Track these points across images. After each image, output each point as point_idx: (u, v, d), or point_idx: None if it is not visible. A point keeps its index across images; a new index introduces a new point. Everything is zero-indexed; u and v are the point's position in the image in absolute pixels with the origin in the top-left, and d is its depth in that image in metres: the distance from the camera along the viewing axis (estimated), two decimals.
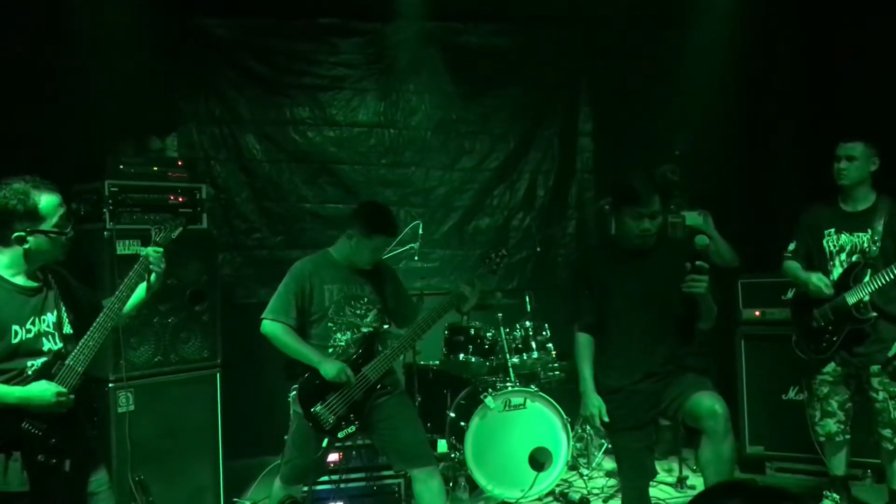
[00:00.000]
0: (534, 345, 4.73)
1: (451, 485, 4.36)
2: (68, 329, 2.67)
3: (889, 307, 3.69)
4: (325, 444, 3.41)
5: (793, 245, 3.98)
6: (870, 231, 3.72)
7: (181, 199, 4.12)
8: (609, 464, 4.79)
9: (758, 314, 4.72)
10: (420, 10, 5.36)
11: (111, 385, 3.78)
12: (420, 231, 4.77)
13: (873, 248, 3.70)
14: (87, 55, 4.31)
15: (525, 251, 5.91)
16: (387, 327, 3.70)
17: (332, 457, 4.01)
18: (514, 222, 5.97)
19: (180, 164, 4.25)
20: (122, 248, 3.79)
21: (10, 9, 4.07)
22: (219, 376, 4.18)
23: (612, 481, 4.59)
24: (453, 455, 4.44)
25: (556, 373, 4.89)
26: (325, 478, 4.01)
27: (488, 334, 4.72)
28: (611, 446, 4.18)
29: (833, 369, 3.83)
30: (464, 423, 4.32)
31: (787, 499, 1.25)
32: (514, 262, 5.86)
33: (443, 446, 4.55)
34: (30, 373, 2.53)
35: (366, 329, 3.52)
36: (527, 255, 5.93)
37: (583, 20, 5.68)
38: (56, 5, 4.26)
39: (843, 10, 4.81)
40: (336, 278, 3.51)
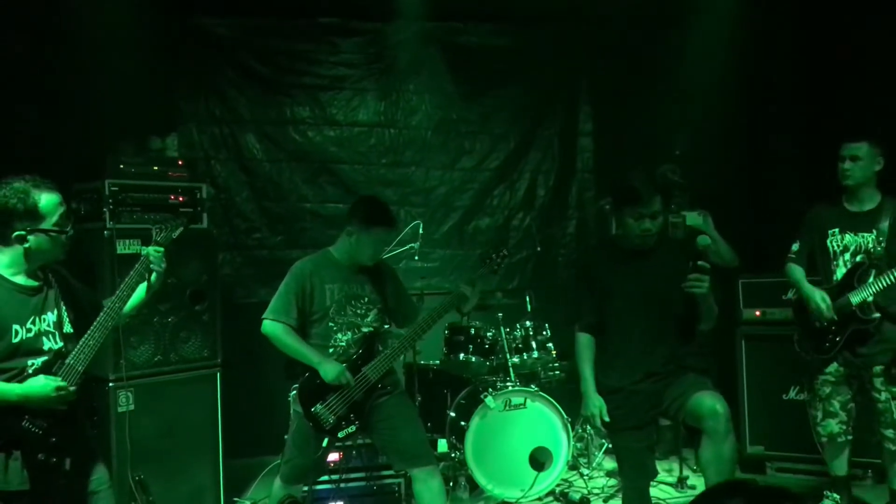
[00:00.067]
0: (534, 344, 4.73)
1: (452, 484, 4.36)
2: (69, 328, 2.68)
3: (893, 307, 3.68)
4: (325, 443, 3.41)
5: (796, 246, 3.96)
6: (875, 231, 3.71)
7: (181, 198, 4.12)
8: (609, 463, 4.80)
9: (758, 314, 4.72)
10: (420, 9, 5.36)
11: (111, 384, 3.78)
12: (420, 231, 4.76)
13: (878, 249, 3.69)
14: (87, 55, 4.31)
15: (525, 251, 5.90)
16: (387, 327, 3.69)
17: (333, 456, 4.00)
18: (515, 222, 5.96)
19: (180, 163, 4.25)
20: (122, 248, 3.80)
21: (10, 8, 4.07)
22: (219, 376, 4.18)
23: (612, 481, 4.60)
24: (453, 455, 4.44)
25: (557, 372, 4.89)
26: (326, 477, 4.01)
27: (489, 334, 4.72)
28: (611, 446, 4.18)
29: (835, 369, 3.82)
30: (464, 423, 4.32)
31: (787, 499, 1.25)
32: (514, 262, 5.86)
33: (443, 446, 4.55)
34: (30, 371, 2.54)
35: (366, 329, 3.51)
36: (527, 254, 5.92)
37: (583, 20, 5.68)
38: (56, 5, 4.26)
39: (843, 10, 4.80)
40: (337, 278, 3.51)
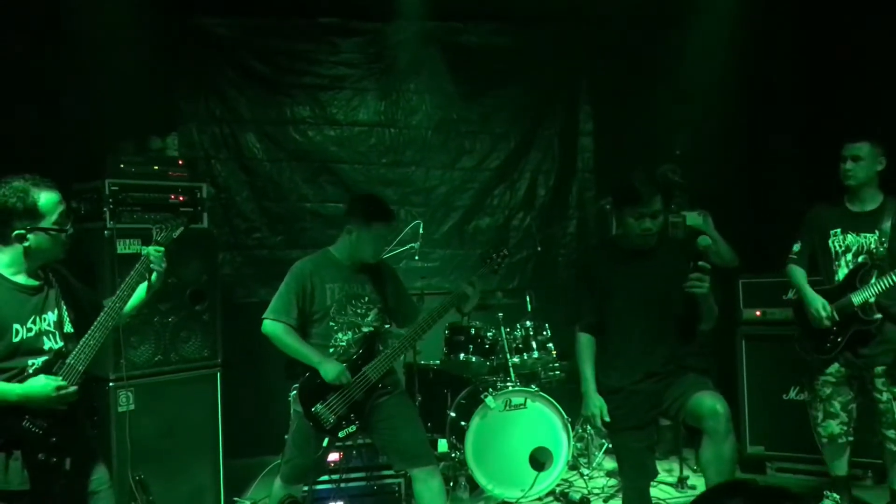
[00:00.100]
0: (534, 344, 4.73)
1: (452, 484, 4.36)
2: (69, 328, 2.68)
3: (895, 308, 3.67)
4: (325, 443, 3.41)
5: (798, 246, 3.95)
6: (877, 232, 3.70)
7: (181, 198, 4.12)
8: (610, 463, 4.79)
9: (758, 314, 4.72)
10: (420, 9, 5.36)
11: (111, 384, 3.78)
12: (420, 230, 4.76)
13: (881, 249, 3.68)
14: (87, 55, 4.31)
15: (525, 251, 5.90)
16: (388, 327, 3.69)
17: (333, 456, 4.00)
18: (515, 222, 5.96)
19: (181, 163, 4.25)
20: (122, 248, 3.80)
21: (10, 9, 4.07)
22: (219, 376, 4.18)
23: (612, 481, 4.59)
24: (454, 455, 4.44)
25: (557, 372, 4.89)
26: (326, 477, 4.01)
27: (489, 334, 4.72)
28: (611, 446, 4.18)
29: (836, 370, 3.81)
30: (464, 423, 4.32)
31: (788, 499, 1.25)
32: (514, 262, 5.86)
33: (443, 446, 4.55)
34: (31, 371, 2.53)
35: (366, 328, 3.51)
36: (527, 254, 5.92)
37: (583, 20, 5.69)
38: (56, 5, 4.26)
39: (843, 10, 4.80)
40: (337, 277, 3.51)
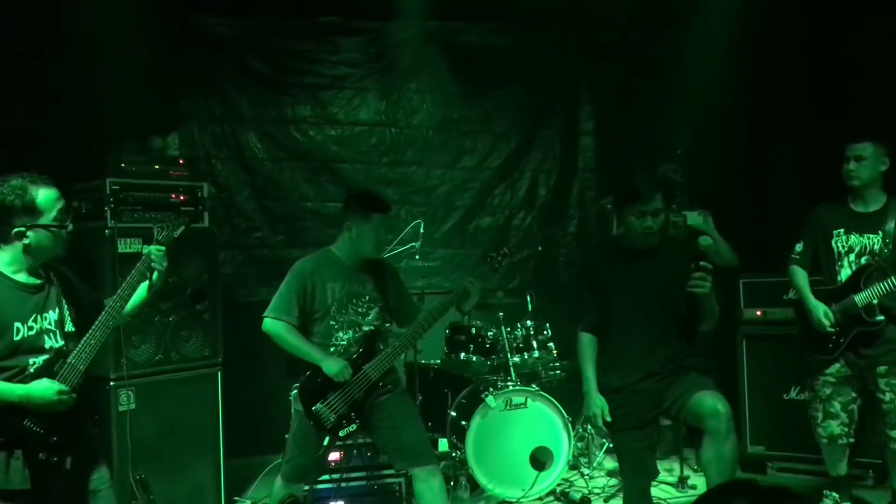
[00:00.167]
0: (535, 344, 4.73)
1: (452, 484, 4.35)
2: (70, 327, 2.67)
3: None
4: (326, 442, 3.41)
5: (800, 246, 3.93)
6: (881, 233, 3.69)
7: (182, 197, 4.13)
8: (610, 463, 4.79)
9: (759, 314, 4.71)
10: (421, 9, 5.35)
11: (112, 383, 3.78)
12: (421, 230, 4.76)
13: (885, 251, 3.67)
14: (88, 55, 4.31)
15: (526, 250, 5.90)
16: (388, 326, 3.69)
17: (333, 455, 4.00)
18: (516, 221, 5.96)
19: (181, 162, 4.26)
20: (123, 247, 3.80)
21: (10, 8, 4.07)
22: (220, 375, 4.18)
23: (613, 481, 4.59)
24: (454, 454, 4.44)
25: (558, 372, 4.89)
26: (326, 476, 4.01)
27: (489, 333, 4.71)
28: (612, 446, 4.18)
29: (837, 370, 3.81)
30: (465, 423, 4.32)
31: (790, 499, 1.25)
32: (515, 262, 5.86)
33: (444, 445, 4.55)
34: (31, 370, 2.53)
35: (367, 327, 3.51)
36: (528, 254, 5.91)
37: (583, 20, 5.68)
38: (56, 5, 4.26)
39: (844, 10, 4.80)
40: (338, 276, 3.51)
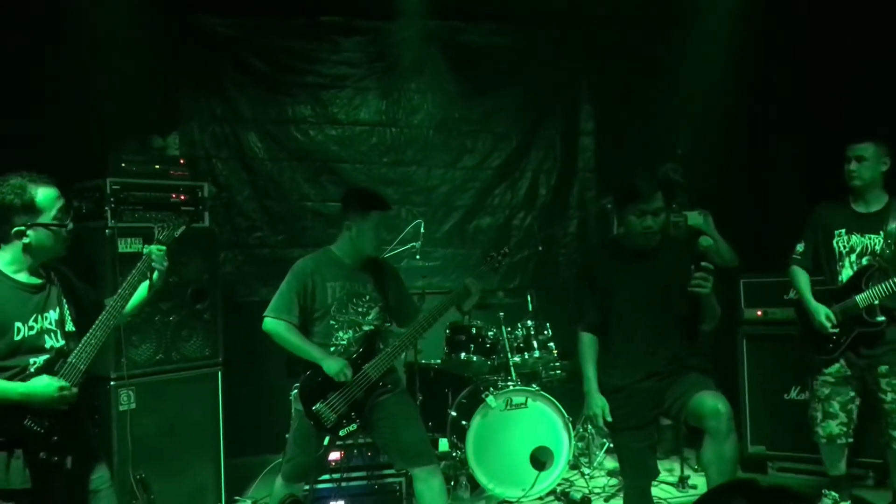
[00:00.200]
0: (535, 344, 4.72)
1: (453, 484, 4.36)
2: (70, 326, 2.67)
3: None
4: (326, 442, 3.41)
5: (801, 246, 3.93)
6: (882, 233, 3.69)
7: (183, 197, 4.13)
8: (610, 463, 4.79)
9: (760, 314, 4.71)
10: (422, 8, 5.35)
11: (113, 383, 3.79)
12: (422, 230, 4.75)
13: (886, 251, 3.67)
14: (88, 55, 4.31)
15: (527, 250, 5.89)
16: (388, 326, 3.69)
17: (334, 455, 4.00)
18: (516, 221, 5.95)
19: (182, 162, 4.26)
20: (123, 246, 3.80)
21: (10, 8, 4.07)
22: (220, 374, 4.19)
23: (613, 480, 4.59)
24: (455, 454, 4.44)
25: (558, 372, 4.89)
26: (327, 476, 4.01)
27: (490, 333, 4.71)
28: (613, 445, 4.18)
29: (836, 370, 3.81)
30: (465, 422, 4.32)
31: (792, 498, 1.25)
32: (515, 262, 5.86)
33: (444, 445, 4.55)
34: (32, 370, 2.53)
35: (367, 327, 3.51)
36: (528, 254, 5.91)
37: (583, 20, 5.68)
38: (56, 5, 4.26)
39: (844, 10, 4.80)
40: (338, 275, 3.51)
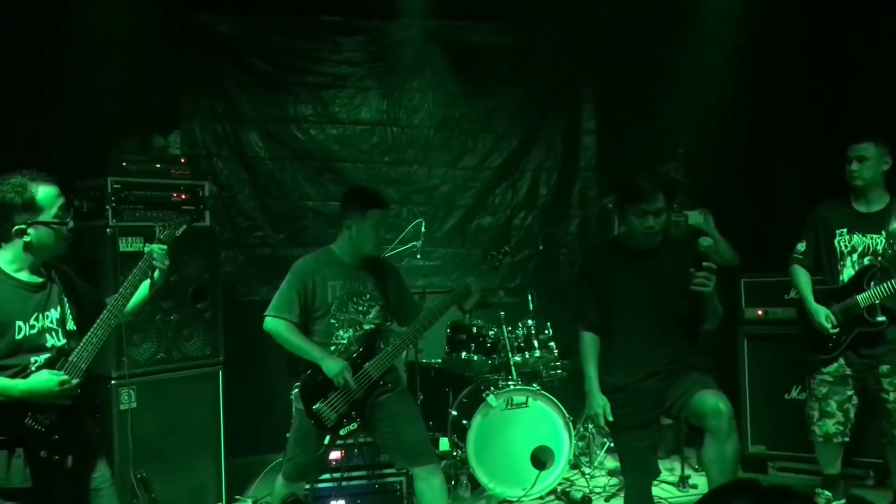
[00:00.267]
0: (536, 343, 4.72)
1: (453, 483, 4.36)
2: (72, 325, 2.67)
3: None
4: (326, 441, 3.41)
5: (802, 246, 3.93)
6: (884, 233, 3.69)
7: (184, 196, 4.13)
8: (611, 462, 4.79)
9: (760, 313, 4.71)
10: (423, 8, 5.34)
11: (114, 382, 3.79)
12: (422, 229, 4.75)
13: (888, 251, 3.67)
14: (88, 54, 4.31)
15: (527, 250, 5.89)
16: (389, 325, 3.69)
17: (334, 454, 4.00)
18: (517, 221, 5.94)
19: (183, 161, 4.26)
20: (124, 245, 3.80)
21: (10, 9, 4.07)
22: (221, 374, 4.19)
23: (614, 480, 4.59)
24: (455, 453, 4.44)
25: (559, 371, 4.88)
26: (327, 475, 4.01)
27: (490, 332, 4.71)
28: (614, 445, 4.18)
29: (835, 369, 3.82)
30: (466, 422, 4.32)
31: (794, 498, 1.25)
32: (516, 261, 5.85)
33: (445, 444, 4.54)
34: (33, 368, 2.54)
35: (368, 326, 3.51)
36: (529, 253, 5.90)
37: (584, 20, 5.68)
38: (56, 5, 4.26)
39: (844, 11, 4.80)
40: (339, 275, 3.50)
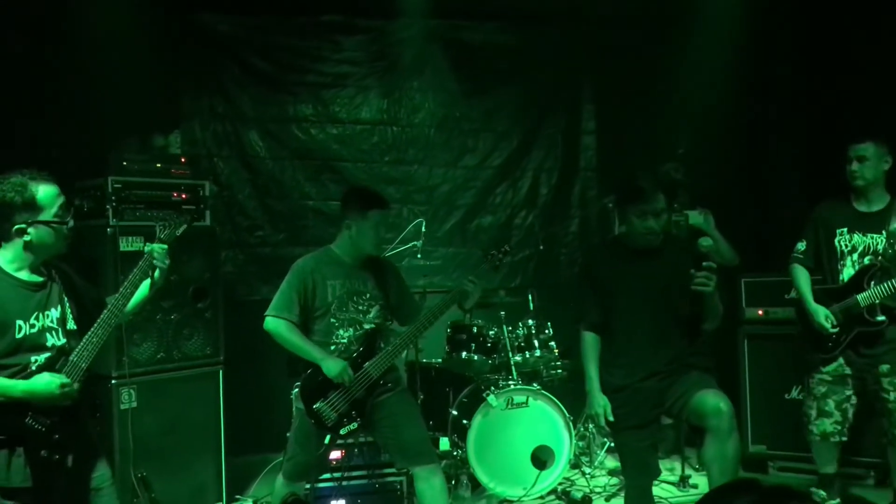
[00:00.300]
0: (536, 343, 4.71)
1: (454, 483, 4.35)
2: (72, 325, 2.67)
3: None
4: (327, 440, 3.41)
5: (802, 245, 3.93)
6: (885, 233, 3.69)
7: (184, 195, 4.13)
8: (611, 462, 4.79)
9: (761, 313, 4.70)
10: (423, 7, 5.34)
11: (114, 381, 3.79)
12: (423, 229, 4.74)
13: (889, 251, 3.67)
14: (88, 54, 4.31)
15: (528, 249, 5.89)
16: (389, 324, 3.69)
17: (335, 454, 4.00)
18: (517, 220, 5.94)
19: (183, 160, 4.26)
20: (125, 245, 3.81)
21: (10, 9, 4.07)
22: (221, 373, 4.19)
23: (614, 480, 4.59)
24: (455, 453, 4.44)
25: (559, 371, 4.89)
26: (328, 475, 4.01)
27: (491, 332, 4.71)
28: (614, 445, 4.18)
29: (834, 369, 3.82)
30: (466, 421, 4.32)
31: (796, 498, 1.25)
32: (516, 261, 5.85)
33: (445, 444, 4.54)
34: (33, 368, 2.54)
35: (368, 325, 3.51)
36: (529, 253, 5.91)
37: (584, 20, 5.67)
38: (56, 5, 4.26)
39: (844, 11, 4.80)
40: (339, 274, 3.50)
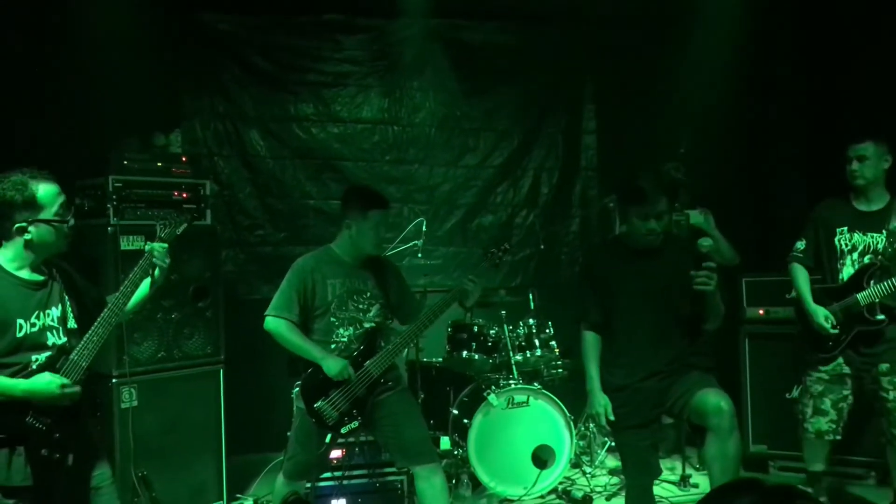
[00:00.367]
0: (537, 342, 4.71)
1: (454, 482, 4.35)
2: (72, 324, 2.67)
3: None
4: (328, 439, 3.41)
5: (802, 244, 3.92)
6: (885, 232, 3.69)
7: (185, 194, 4.13)
8: (612, 461, 4.79)
9: (762, 313, 4.70)
10: (424, 6, 5.34)
11: (114, 380, 3.79)
12: (423, 228, 4.74)
13: (889, 250, 3.66)
14: (89, 53, 4.31)
15: (528, 249, 5.89)
16: (389, 323, 3.69)
17: (335, 453, 4.00)
18: (518, 220, 5.94)
19: (184, 159, 4.26)
20: (125, 244, 3.80)
21: (10, 9, 4.06)
22: (222, 372, 4.19)
23: (615, 479, 4.59)
24: (456, 452, 4.44)
25: (560, 370, 4.88)
26: (328, 474, 4.01)
27: (492, 331, 4.70)
28: (615, 444, 4.18)
29: (832, 368, 3.81)
30: (467, 421, 4.32)
31: (798, 497, 1.25)
32: (517, 260, 5.86)
33: (446, 443, 4.55)
34: (34, 367, 2.54)
35: (368, 324, 3.51)
36: (530, 252, 5.91)
37: (585, 20, 5.67)
38: (56, 5, 4.25)
39: (844, 10, 4.80)
40: (339, 273, 3.50)
